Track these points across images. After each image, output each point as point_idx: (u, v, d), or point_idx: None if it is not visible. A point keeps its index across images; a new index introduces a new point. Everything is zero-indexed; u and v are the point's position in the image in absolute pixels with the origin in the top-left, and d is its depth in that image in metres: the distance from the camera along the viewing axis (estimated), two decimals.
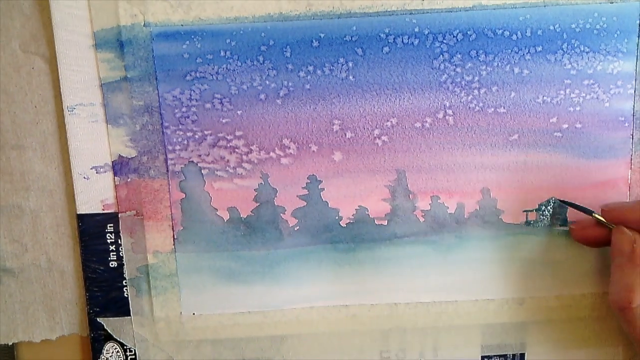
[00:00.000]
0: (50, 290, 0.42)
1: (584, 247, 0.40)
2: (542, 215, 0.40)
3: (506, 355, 0.43)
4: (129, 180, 0.39)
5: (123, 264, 0.41)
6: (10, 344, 0.42)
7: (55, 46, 0.37)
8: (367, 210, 0.40)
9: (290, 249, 0.41)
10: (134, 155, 0.39)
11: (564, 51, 0.38)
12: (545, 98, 0.38)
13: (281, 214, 0.40)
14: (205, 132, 0.39)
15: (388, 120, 0.39)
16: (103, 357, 0.42)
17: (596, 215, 0.38)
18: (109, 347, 0.42)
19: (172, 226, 0.40)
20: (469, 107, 0.38)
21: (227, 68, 0.38)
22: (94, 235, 0.40)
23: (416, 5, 0.37)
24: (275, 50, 0.37)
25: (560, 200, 0.40)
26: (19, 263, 0.41)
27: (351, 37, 0.37)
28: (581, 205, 0.39)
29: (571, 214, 0.40)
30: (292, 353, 0.42)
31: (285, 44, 0.37)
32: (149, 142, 0.39)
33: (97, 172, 0.39)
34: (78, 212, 0.40)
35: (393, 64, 0.38)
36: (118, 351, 0.42)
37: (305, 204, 0.40)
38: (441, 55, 0.38)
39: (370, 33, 0.37)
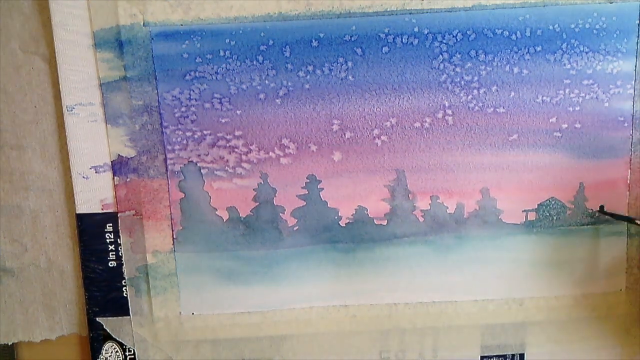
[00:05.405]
0: (49, 290, 0.42)
1: (584, 247, 0.40)
2: (542, 215, 0.40)
3: (506, 355, 0.42)
4: (128, 180, 0.39)
5: (122, 264, 0.41)
6: (10, 343, 0.42)
7: (55, 46, 0.37)
8: (367, 210, 0.40)
9: (289, 249, 0.41)
10: (133, 155, 0.39)
11: (563, 51, 0.38)
12: (544, 98, 0.38)
13: (280, 214, 0.40)
14: (205, 132, 0.39)
15: (387, 120, 0.39)
16: (102, 356, 0.42)
17: (638, 222, 0.38)
18: (108, 346, 0.42)
19: (172, 226, 0.40)
20: (469, 107, 0.38)
21: (226, 68, 0.38)
22: (93, 235, 0.40)
23: (416, 5, 0.37)
24: (275, 50, 0.37)
25: (602, 211, 0.40)
26: (18, 263, 0.41)
27: (350, 36, 0.37)
28: (622, 214, 0.39)
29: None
30: (292, 353, 0.42)
31: (285, 44, 0.37)
32: (148, 142, 0.39)
33: (96, 172, 0.39)
34: (77, 212, 0.40)
35: (392, 64, 0.38)
36: (117, 351, 0.42)
37: (304, 203, 0.40)
38: (440, 55, 0.38)
39: (370, 33, 0.37)
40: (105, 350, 0.42)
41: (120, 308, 0.41)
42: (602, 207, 0.40)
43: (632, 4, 0.37)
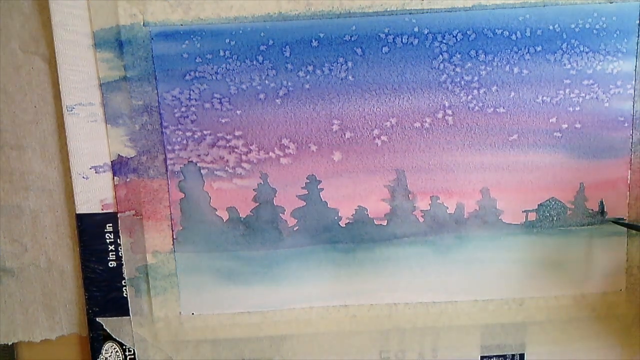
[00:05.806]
0: (49, 290, 0.42)
1: (584, 247, 0.40)
2: (543, 216, 0.40)
3: (505, 355, 0.42)
4: (128, 180, 0.39)
5: (122, 264, 0.41)
6: (10, 343, 0.42)
7: (55, 46, 0.37)
8: (367, 211, 0.40)
9: (289, 249, 0.41)
10: (133, 155, 0.39)
11: (563, 51, 0.38)
12: (544, 98, 0.38)
13: (280, 214, 0.40)
14: (205, 132, 0.39)
15: (387, 120, 0.39)
16: (102, 357, 0.42)
17: None
18: (108, 346, 0.42)
19: (172, 226, 0.40)
20: (469, 107, 0.38)
21: (226, 68, 0.38)
22: (93, 235, 0.40)
23: (416, 5, 0.37)
24: (275, 50, 0.37)
25: (613, 220, 0.39)
26: (18, 263, 0.41)
27: (351, 36, 0.37)
28: (633, 223, 0.39)
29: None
30: (292, 353, 0.42)
31: (285, 44, 0.37)
32: (148, 142, 0.39)
33: (96, 172, 0.39)
34: (77, 212, 0.40)
35: (392, 64, 0.38)
36: (117, 351, 0.42)
37: (304, 204, 0.40)
38: (440, 55, 0.38)
39: (370, 33, 0.37)
40: (105, 350, 0.42)
41: (120, 308, 0.41)
42: (602, 208, 0.40)
43: (632, 4, 0.37)
